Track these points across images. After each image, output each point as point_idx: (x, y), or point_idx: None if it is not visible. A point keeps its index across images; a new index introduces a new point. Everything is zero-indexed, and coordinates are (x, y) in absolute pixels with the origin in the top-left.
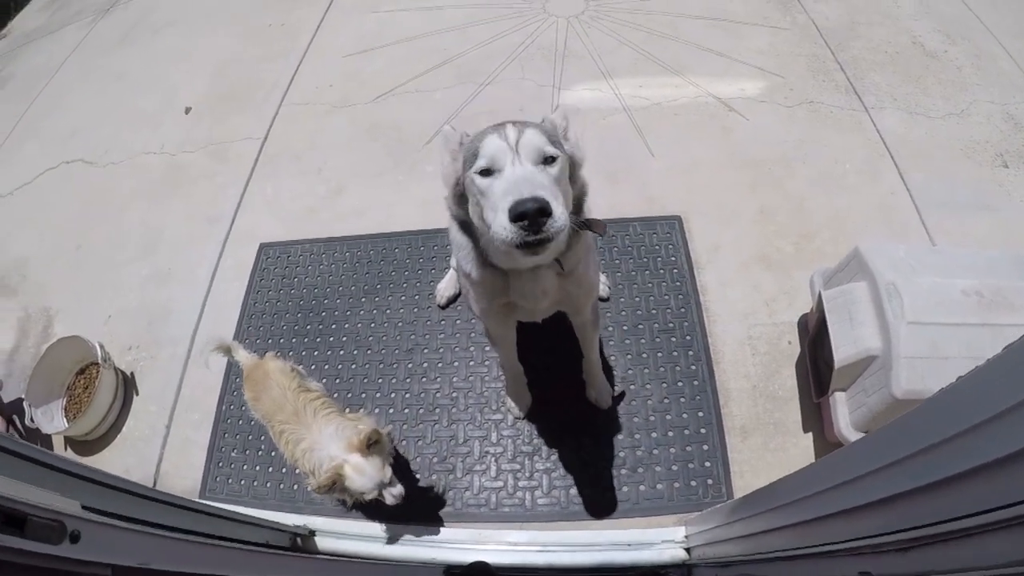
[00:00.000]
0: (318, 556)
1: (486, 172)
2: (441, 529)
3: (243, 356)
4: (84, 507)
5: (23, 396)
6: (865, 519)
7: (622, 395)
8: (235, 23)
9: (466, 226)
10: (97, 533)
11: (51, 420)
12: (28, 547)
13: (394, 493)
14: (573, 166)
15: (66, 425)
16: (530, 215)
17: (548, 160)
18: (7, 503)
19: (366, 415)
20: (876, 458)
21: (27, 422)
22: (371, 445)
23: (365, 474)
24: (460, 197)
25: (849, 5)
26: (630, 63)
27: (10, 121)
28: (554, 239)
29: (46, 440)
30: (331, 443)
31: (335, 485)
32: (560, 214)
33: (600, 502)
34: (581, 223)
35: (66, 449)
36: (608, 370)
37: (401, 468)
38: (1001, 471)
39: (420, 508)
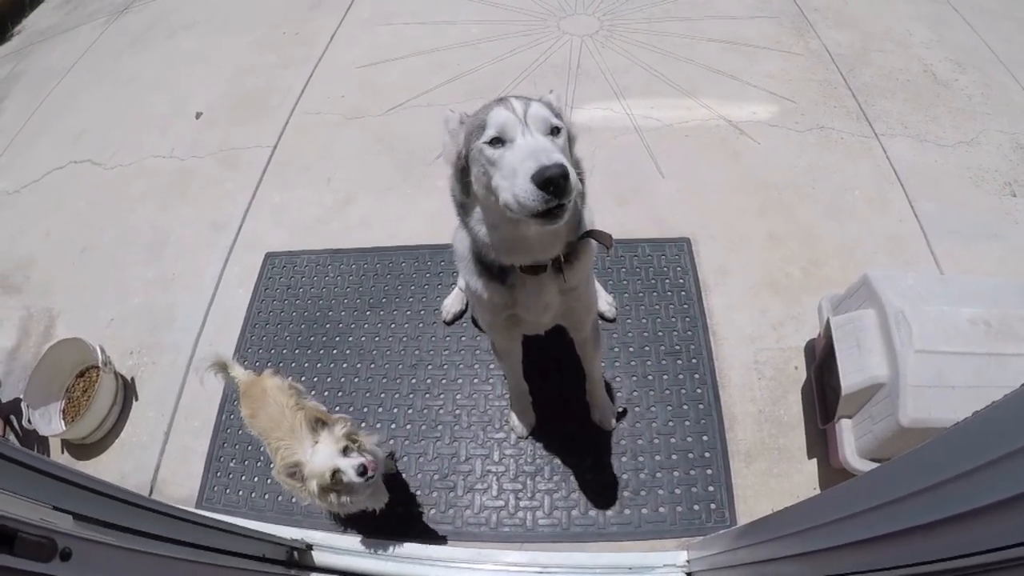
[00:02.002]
0: (313, 574)
1: (496, 142)
2: (440, 547)
3: (240, 373)
4: (77, 516)
5: (21, 396)
6: (876, 552)
7: (624, 412)
8: (250, 30)
9: (465, 213)
10: (89, 551)
11: (49, 422)
12: (16, 565)
13: (353, 464)
14: (570, 141)
15: (63, 428)
16: (555, 180)
17: (554, 131)
18: None
19: (366, 434)
20: (889, 491)
21: (24, 423)
22: (319, 427)
23: (319, 453)
24: (462, 172)
25: (862, 32)
26: (643, 83)
27: (20, 119)
28: (570, 206)
29: (43, 442)
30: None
31: (295, 469)
32: (575, 179)
33: (602, 524)
34: (587, 233)
35: (63, 452)
36: (613, 392)
37: (398, 485)
38: (1018, 508)
39: (419, 525)
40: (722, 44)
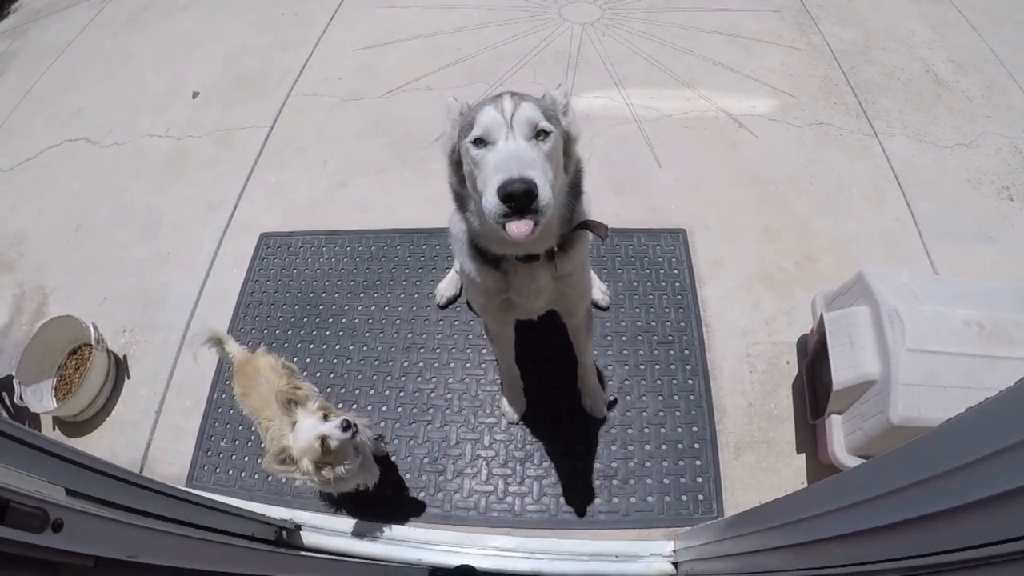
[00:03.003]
0: (303, 554)
1: (480, 142)
2: (428, 530)
3: (234, 349)
4: (69, 491)
5: (13, 373)
6: (863, 545)
7: (615, 400)
8: (247, 10)
9: (461, 203)
10: (81, 523)
11: (40, 399)
12: (8, 535)
13: (336, 424)
14: (568, 142)
15: (55, 405)
16: (517, 196)
17: (541, 134)
18: None
19: (356, 415)
20: (875, 486)
21: (16, 400)
22: (292, 407)
23: (301, 429)
24: (457, 165)
25: (865, 30)
26: (643, 73)
27: (16, 96)
28: (543, 222)
29: (34, 419)
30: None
31: (284, 455)
32: (546, 194)
33: (590, 512)
34: (582, 224)
35: (54, 429)
36: (605, 380)
37: (388, 467)
38: (1008, 505)
39: (408, 508)
40: (723, 36)
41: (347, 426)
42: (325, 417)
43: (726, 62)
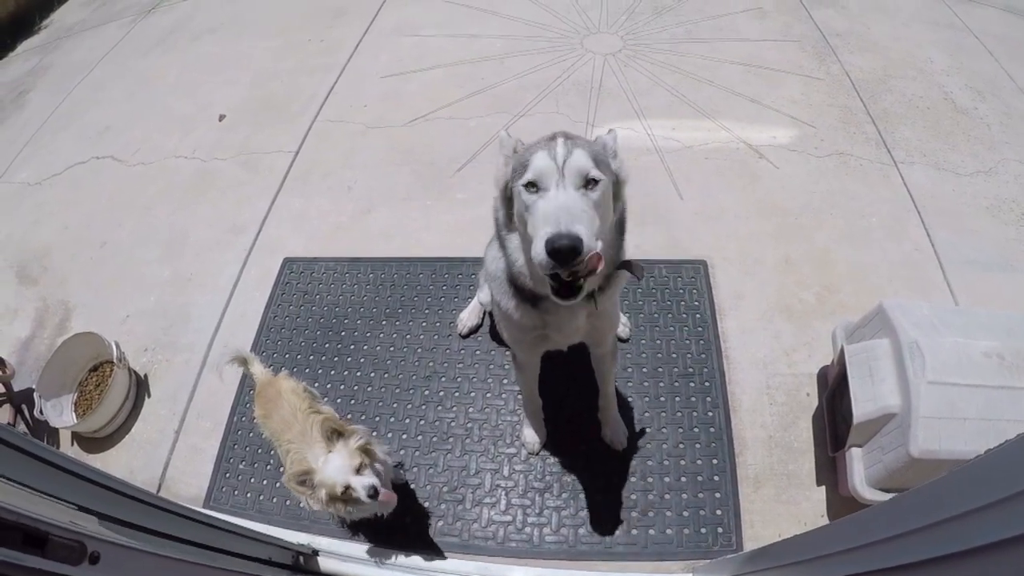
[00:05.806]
0: None
1: (531, 186)
2: (445, 560)
3: (259, 370)
4: (102, 517)
5: (34, 387)
6: None
7: (643, 431)
8: (274, 36)
9: (506, 242)
10: (117, 555)
11: (60, 414)
12: (47, 567)
13: (364, 484)
14: (618, 185)
15: (75, 420)
16: (563, 252)
17: (591, 183)
18: (29, 521)
19: (377, 443)
20: (899, 523)
21: (36, 413)
22: (334, 437)
23: (331, 464)
24: (508, 201)
25: (883, 59)
26: (664, 104)
27: (45, 112)
28: (584, 286)
29: (53, 433)
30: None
31: (305, 477)
32: (589, 248)
33: (608, 543)
34: (622, 264)
35: (73, 444)
36: (625, 412)
37: (407, 495)
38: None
39: (426, 537)
40: (744, 67)
41: (373, 494)
42: (359, 469)
43: (747, 93)
